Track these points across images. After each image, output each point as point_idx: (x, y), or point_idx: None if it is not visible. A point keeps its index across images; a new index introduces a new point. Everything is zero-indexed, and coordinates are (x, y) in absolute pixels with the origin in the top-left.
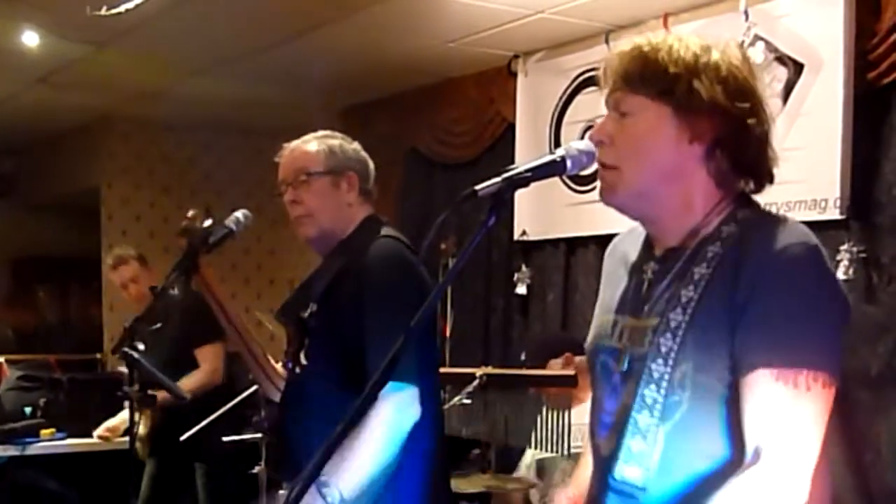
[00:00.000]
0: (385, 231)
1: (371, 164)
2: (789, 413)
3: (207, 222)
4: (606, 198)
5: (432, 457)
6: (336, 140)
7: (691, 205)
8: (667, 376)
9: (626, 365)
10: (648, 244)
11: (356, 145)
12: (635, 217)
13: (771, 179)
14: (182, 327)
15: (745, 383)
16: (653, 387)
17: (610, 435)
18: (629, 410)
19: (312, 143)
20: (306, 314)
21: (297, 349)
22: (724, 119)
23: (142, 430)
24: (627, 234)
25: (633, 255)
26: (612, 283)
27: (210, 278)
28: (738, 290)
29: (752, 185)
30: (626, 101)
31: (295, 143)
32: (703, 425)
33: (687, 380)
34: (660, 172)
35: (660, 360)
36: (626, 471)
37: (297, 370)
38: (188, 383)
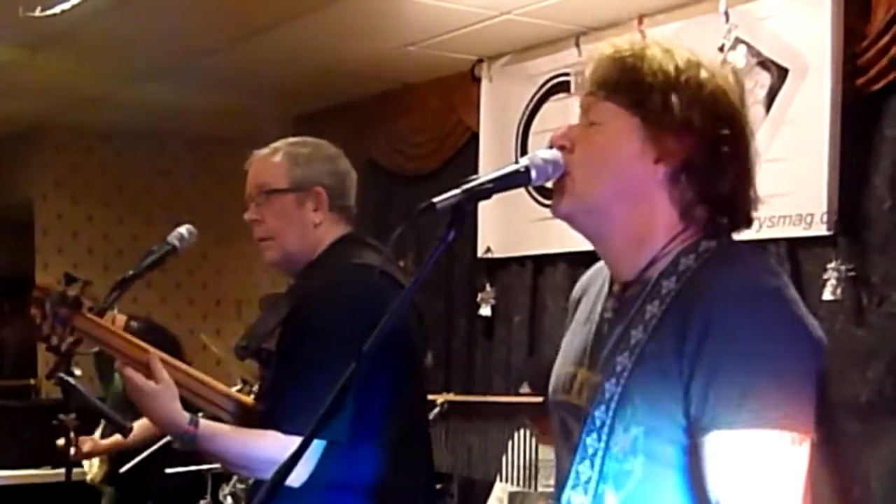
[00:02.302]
0: (358, 256)
1: (352, 176)
2: (753, 474)
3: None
4: (553, 207)
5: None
6: (306, 149)
7: (649, 234)
8: (608, 423)
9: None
10: (611, 282)
11: (333, 152)
12: (586, 235)
13: (748, 223)
14: None
15: (702, 447)
16: (594, 435)
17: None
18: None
19: (277, 154)
20: (265, 347)
21: (263, 385)
22: (696, 142)
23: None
24: (594, 272)
25: (595, 296)
26: (574, 329)
27: (98, 332)
28: (686, 340)
29: (725, 222)
30: (596, 108)
31: (262, 152)
32: (658, 495)
33: (638, 445)
34: (615, 189)
35: (602, 407)
36: (573, 497)
37: (262, 407)
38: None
